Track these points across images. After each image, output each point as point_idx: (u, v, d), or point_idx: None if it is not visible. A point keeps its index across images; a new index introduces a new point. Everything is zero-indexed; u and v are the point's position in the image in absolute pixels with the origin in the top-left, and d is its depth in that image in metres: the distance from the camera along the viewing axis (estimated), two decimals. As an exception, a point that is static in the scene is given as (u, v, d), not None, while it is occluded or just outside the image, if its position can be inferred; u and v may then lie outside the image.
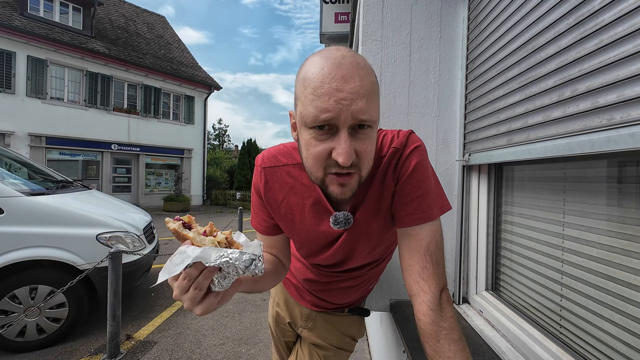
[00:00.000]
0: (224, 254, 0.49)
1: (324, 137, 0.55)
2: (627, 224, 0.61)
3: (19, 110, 10.05)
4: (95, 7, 12.04)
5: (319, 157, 0.56)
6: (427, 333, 0.59)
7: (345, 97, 0.51)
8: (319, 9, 4.65)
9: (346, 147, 0.53)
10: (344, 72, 0.52)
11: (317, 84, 0.53)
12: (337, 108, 0.52)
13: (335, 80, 0.52)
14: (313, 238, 0.77)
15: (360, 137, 0.55)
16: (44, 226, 2.48)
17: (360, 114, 0.52)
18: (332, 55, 0.54)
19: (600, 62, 0.57)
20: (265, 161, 0.76)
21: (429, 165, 0.68)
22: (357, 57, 0.55)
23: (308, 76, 0.55)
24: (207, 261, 0.48)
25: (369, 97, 0.53)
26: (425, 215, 0.65)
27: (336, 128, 0.54)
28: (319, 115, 0.52)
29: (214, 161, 19.00)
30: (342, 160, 0.53)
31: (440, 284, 0.62)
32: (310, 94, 0.53)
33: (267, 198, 0.76)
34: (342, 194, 0.60)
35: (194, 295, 0.50)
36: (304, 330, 1.01)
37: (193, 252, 0.48)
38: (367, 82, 0.54)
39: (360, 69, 0.54)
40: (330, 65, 0.53)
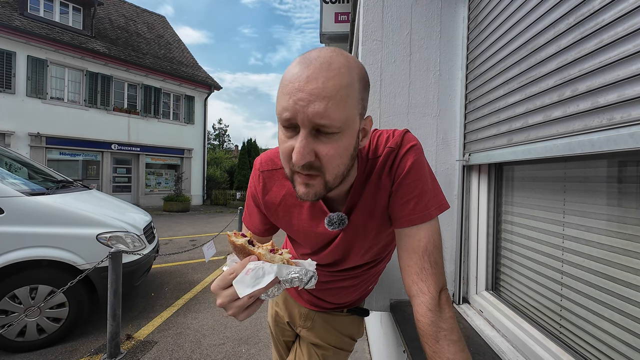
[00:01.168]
0: (292, 270, 0.56)
1: (290, 134, 0.55)
2: (627, 223, 0.61)
3: (19, 110, 10.05)
4: (95, 7, 12.04)
5: (284, 153, 0.57)
6: (426, 334, 0.59)
7: (302, 98, 0.50)
8: (319, 8, 4.65)
9: (299, 147, 0.52)
10: (310, 72, 0.50)
11: (285, 82, 0.53)
12: (295, 108, 0.51)
13: (299, 80, 0.51)
14: (311, 238, 0.77)
15: (323, 139, 0.54)
16: (44, 226, 2.48)
17: (317, 117, 0.50)
18: (309, 55, 0.53)
19: (601, 61, 0.57)
20: (263, 165, 0.76)
21: (425, 164, 0.68)
22: (334, 57, 0.52)
23: (284, 74, 0.55)
24: (281, 276, 0.55)
25: (331, 100, 0.50)
26: (423, 215, 0.64)
27: (298, 127, 0.53)
28: (282, 114, 0.53)
29: (214, 161, 19.00)
30: (294, 159, 0.53)
31: (439, 285, 0.62)
32: (280, 92, 0.54)
33: (265, 201, 0.76)
34: (306, 195, 0.59)
35: (246, 304, 0.54)
36: (303, 330, 1.01)
37: (271, 268, 0.54)
38: (333, 84, 0.50)
39: (330, 70, 0.51)
40: (301, 65, 0.52)
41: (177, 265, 4.84)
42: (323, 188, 0.58)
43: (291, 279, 0.55)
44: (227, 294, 0.54)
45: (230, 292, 0.53)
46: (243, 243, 0.58)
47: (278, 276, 0.54)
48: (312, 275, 0.57)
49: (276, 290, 0.57)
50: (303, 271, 0.56)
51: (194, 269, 4.67)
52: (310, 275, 0.57)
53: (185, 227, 8.41)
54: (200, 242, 6.08)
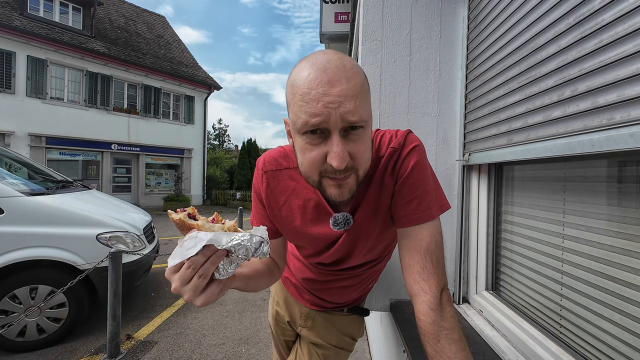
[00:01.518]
0: (234, 237, 0.50)
1: (317, 141, 0.56)
2: (627, 223, 0.61)
3: (19, 110, 10.05)
4: (95, 7, 12.04)
5: (314, 162, 0.57)
6: (427, 333, 0.59)
7: (332, 101, 0.52)
8: (319, 8, 4.65)
9: (339, 151, 0.53)
10: (330, 76, 0.52)
11: (304, 90, 0.53)
12: (325, 112, 0.52)
13: (322, 85, 0.52)
14: (315, 239, 0.77)
15: (352, 138, 0.56)
16: (44, 226, 2.48)
17: (349, 115, 0.53)
18: (318, 60, 0.55)
19: (601, 61, 0.57)
20: (266, 165, 0.76)
21: (427, 165, 0.68)
22: (344, 59, 0.55)
23: (296, 83, 0.55)
24: (219, 244, 0.49)
25: (357, 98, 0.53)
26: (425, 215, 0.65)
27: (328, 132, 0.54)
28: (309, 121, 0.53)
29: (214, 161, 19.00)
30: (335, 164, 0.54)
31: (441, 284, 0.62)
32: (299, 101, 0.54)
33: (269, 201, 0.76)
34: (340, 196, 0.60)
35: (198, 284, 0.51)
36: (303, 330, 1.01)
37: (205, 235, 0.49)
38: (354, 84, 0.54)
39: (346, 71, 0.54)
40: (316, 70, 0.53)
41: (177, 265, 4.84)
42: (355, 184, 0.60)
43: (234, 247, 0.50)
44: (177, 277, 0.51)
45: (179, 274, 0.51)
46: (181, 217, 0.52)
47: (214, 244, 0.49)
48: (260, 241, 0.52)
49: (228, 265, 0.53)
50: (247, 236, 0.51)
51: (194, 269, 4.67)
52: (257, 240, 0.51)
53: (185, 227, 8.40)
54: (200, 242, 6.07)
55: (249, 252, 0.51)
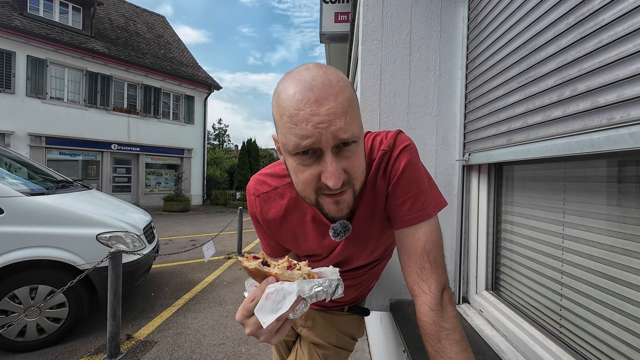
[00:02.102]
0: (315, 284, 0.52)
1: (309, 161, 0.54)
2: (627, 223, 0.61)
3: (18, 110, 10.05)
4: (95, 6, 12.03)
5: (308, 182, 0.56)
6: (428, 333, 0.59)
7: (322, 120, 0.50)
8: (318, 7, 4.64)
9: (333, 170, 0.52)
10: (317, 94, 0.51)
11: (292, 111, 0.51)
12: (316, 132, 0.50)
13: (309, 105, 0.50)
14: (316, 249, 0.78)
15: (345, 155, 0.55)
16: (44, 226, 2.48)
17: (341, 133, 0.51)
18: (302, 78, 0.53)
19: (600, 61, 0.57)
20: (257, 189, 0.76)
21: (419, 164, 0.68)
22: (329, 74, 0.54)
23: (282, 104, 0.54)
24: (304, 293, 0.51)
25: (347, 114, 0.52)
26: (420, 214, 0.64)
27: (320, 151, 0.53)
28: (300, 143, 0.52)
29: (214, 161, 18.99)
30: (331, 184, 0.53)
31: (441, 284, 0.62)
32: (287, 122, 0.53)
33: (267, 223, 0.76)
34: (339, 212, 0.60)
35: (275, 327, 0.51)
36: (303, 330, 1.01)
37: (291, 287, 0.50)
38: (342, 99, 0.52)
39: (333, 87, 0.52)
40: (302, 89, 0.51)
41: (177, 265, 4.84)
42: (352, 198, 0.60)
43: (316, 294, 0.52)
44: (253, 321, 0.51)
45: (255, 319, 0.51)
46: (256, 266, 0.54)
47: (300, 294, 0.50)
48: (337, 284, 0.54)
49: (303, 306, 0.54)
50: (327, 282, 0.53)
51: (193, 269, 4.67)
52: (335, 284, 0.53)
53: (185, 227, 8.41)
54: (200, 242, 6.08)
55: (328, 295, 0.53)
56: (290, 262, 0.56)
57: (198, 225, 8.92)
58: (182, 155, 14.31)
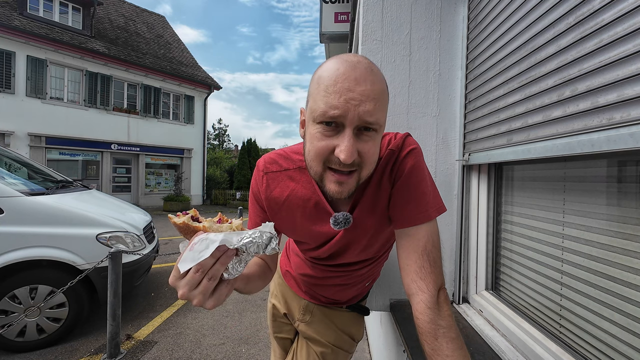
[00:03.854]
0: (245, 235, 0.50)
1: (330, 133, 0.57)
2: (627, 223, 0.61)
3: (18, 110, 10.04)
4: (95, 6, 12.02)
5: (321, 151, 0.58)
6: (425, 331, 0.60)
7: (354, 98, 0.54)
8: (318, 7, 4.64)
9: (349, 146, 0.55)
10: (357, 74, 0.55)
11: (330, 82, 0.55)
12: (345, 107, 0.54)
13: (348, 81, 0.54)
14: (314, 236, 0.79)
15: (364, 138, 0.57)
16: (44, 226, 2.48)
17: (367, 115, 0.54)
18: (349, 59, 0.57)
19: (600, 61, 0.57)
20: (267, 166, 0.77)
21: (424, 168, 0.70)
22: (373, 66, 0.58)
23: (323, 75, 0.57)
24: (231, 244, 0.49)
25: (377, 102, 0.55)
26: (423, 216, 0.66)
27: (342, 126, 0.56)
28: (328, 111, 0.55)
29: (213, 161, 18.99)
30: (343, 157, 0.55)
31: (438, 283, 0.63)
32: (322, 91, 0.56)
33: (268, 202, 0.77)
34: (339, 194, 0.61)
35: (208, 286, 0.49)
36: (301, 324, 1.01)
37: (216, 236, 0.48)
38: (378, 88, 0.56)
39: (373, 75, 0.56)
40: (346, 67, 0.55)
41: (177, 265, 4.83)
42: (355, 184, 0.61)
43: (245, 245, 0.49)
44: (184, 282, 0.49)
45: (187, 279, 0.49)
46: (185, 221, 0.51)
47: (226, 244, 0.48)
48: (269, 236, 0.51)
49: (237, 264, 0.52)
50: (257, 233, 0.50)
51: (194, 268, 4.67)
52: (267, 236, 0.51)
53: (185, 227, 8.39)
54: (200, 242, 6.07)
55: (260, 249, 0.51)
56: (221, 217, 0.55)
57: (198, 225, 8.91)
58: (182, 155, 14.30)
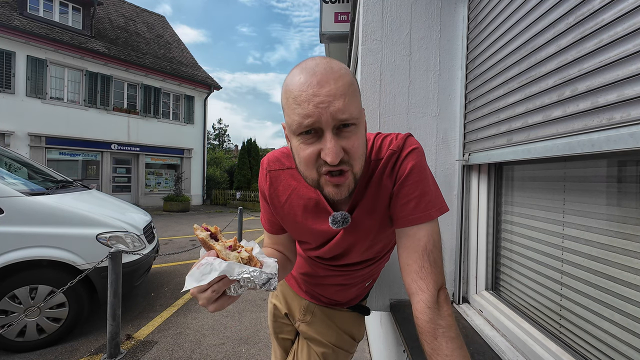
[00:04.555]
0: (245, 271, 0.55)
1: (311, 140, 0.59)
2: (627, 223, 0.61)
3: (18, 110, 10.04)
4: (95, 6, 12.02)
5: (308, 159, 0.60)
6: (425, 331, 0.60)
7: (322, 101, 0.55)
8: (318, 7, 4.64)
9: (331, 147, 0.56)
10: (319, 77, 0.56)
11: (296, 93, 0.57)
12: (316, 112, 0.55)
13: (312, 87, 0.55)
14: (314, 235, 0.80)
15: (345, 135, 0.58)
16: (44, 226, 2.48)
17: (340, 113, 0.55)
18: (307, 65, 0.59)
19: (600, 61, 0.57)
20: (270, 164, 0.79)
21: (426, 168, 0.70)
22: (331, 63, 0.59)
23: (288, 88, 0.59)
24: (231, 275, 0.55)
25: (345, 97, 0.56)
26: (424, 215, 0.66)
27: (321, 131, 0.57)
28: (302, 122, 0.56)
29: (214, 161, 18.99)
30: (330, 159, 0.56)
31: (438, 283, 0.63)
32: (292, 104, 0.57)
33: (272, 199, 0.79)
34: (338, 195, 0.62)
35: (211, 297, 0.56)
36: (302, 325, 1.01)
37: (220, 265, 0.54)
38: (342, 84, 0.57)
39: (333, 73, 0.57)
40: (306, 74, 0.57)
41: (177, 265, 4.84)
42: (353, 182, 0.63)
43: (243, 279, 0.55)
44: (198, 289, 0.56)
45: None
46: (204, 237, 0.58)
47: (227, 274, 0.54)
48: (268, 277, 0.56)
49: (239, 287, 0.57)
50: (257, 272, 0.56)
51: (194, 268, 4.67)
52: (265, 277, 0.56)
53: (185, 227, 8.40)
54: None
55: (256, 286, 0.56)
56: (236, 243, 0.60)
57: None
58: (182, 155, 14.30)
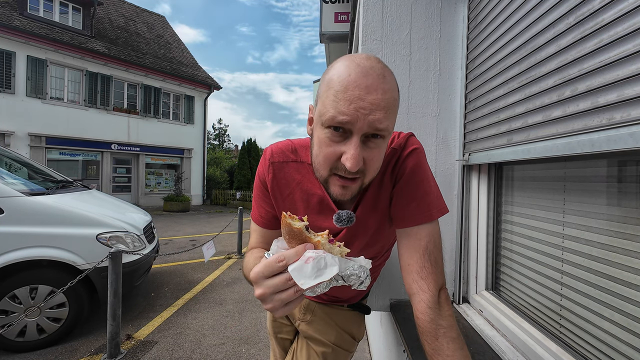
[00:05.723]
0: (351, 266, 0.52)
1: (337, 139, 0.57)
2: (627, 223, 0.61)
3: (18, 110, 10.04)
4: (95, 6, 12.02)
5: (328, 157, 0.58)
6: (425, 331, 0.60)
7: (364, 107, 0.53)
8: (318, 6, 4.64)
9: (355, 154, 0.54)
10: (369, 82, 0.53)
11: (341, 87, 0.54)
12: (355, 115, 0.53)
13: (359, 89, 0.53)
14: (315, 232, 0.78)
15: (370, 145, 0.57)
16: (44, 226, 2.48)
17: (377, 123, 0.54)
18: (362, 64, 0.55)
19: (601, 61, 0.57)
20: (274, 156, 0.77)
21: (427, 168, 0.70)
22: (386, 71, 0.56)
23: (334, 78, 0.56)
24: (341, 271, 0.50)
25: (387, 111, 0.55)
26: (425, 216, 0.66)
27: (350, 132, 0.55)
28: (336, 117, 0.54)
29: (214, 161, 18.99)
30: (349, 165, 0.55)
31: (439, 283, 0.63)
32: (332, 95, 0.55)
33: (273, 191, 0.77)
34: (342, 196, 0.62)
35: (290, 297, 0.50)
36: (302, 324, 1.01)
37: (333, 259, 0.49)
38: (389, 97, 0.55)
39: (385, 83, 0.55)
40: (357, 73, 0.54)
41: (177, 265, 4.84)
42: (358, 189, 0.62)
43: (348, 275, 0.51)
44: (272, 283, 0.49)
45: (275, 282, 0.49)
46: (301, 227, 0.51)
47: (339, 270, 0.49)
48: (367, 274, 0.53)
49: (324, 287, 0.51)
50: (361, 270, 0.52)
51: (194, 268, 4.67)
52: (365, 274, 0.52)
53: (185, 227, 8.40)
54: (200, 242, 6.08)
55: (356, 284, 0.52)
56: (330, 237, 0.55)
57: (198, 225, 8.92)
58: (182, 155, 14.30)
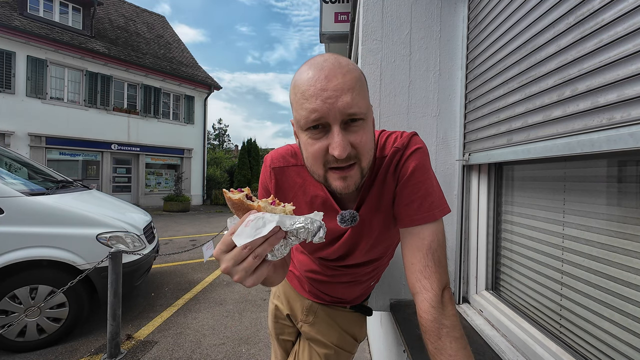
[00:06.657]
0: (298, 220, 0.51)
1: (319, 135, 0.58)
2: (627, 223, 0.61)
3: (18, 110, 10.04)
4: (95, 6, 12.02)
5: (316, 154, 0.59)
6: (428, 330, 0.60)
7: (330, 95, 0.55)
8: (317, 6, 4.65)
9: (339, 141, 0.55)
10: (326, 72, 0.56)
11: (304, 87, 0.57)
12: (324, 107, 0.55)
13: (319, 81, 0.55)
14: None
15: (353, 129, 0.58)
16: (44, 226, 2.48)
17: (347, 108, 0.55)
18: (316, 61, 0.59)
19: (601, 61, 0.57)
20: (274, 162, 0.78)
21: (429, 168, 0.70)
22: (340, 58, 0.59)
23: (297, 83, 0.59)
24: (284, 226, 0.50)
25: (353, 91, 0.56)
26: (428, 215, 0.66)
27: (329, 126, 0.57)
28: (309, 116, 0.56)
29: (214, 161, 18.98)
30: (337, 153, 0.56)
31: (442, 282, 0.63)
32: (300, 98, 0.57)
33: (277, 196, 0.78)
34: (345, 188, 0.61)
35: (252, 264, 0.50)
36: (304, 325, 1.01)
37: (272, 217, 0.49)
38: (350, 78, 0.56)
39: (341, 68, 0.57)
40: (315, 69, 0.57)
41: (177, 265, 4.84)
42: (359, 176, 0.62)
43: (297, 230, 0.50)
44: (230, 256, 0.50)
45: (233, 254, 0.50)
46: (240, 197, 0.53)
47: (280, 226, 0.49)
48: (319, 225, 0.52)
49: (283, 247, 0.52)
50: (308, 220, 0.51)
51: (193, 268, 4.67)
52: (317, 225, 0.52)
53: (185, 227, 8.40)
54: (200, 242, 6.08)
55: (309, 235, 0.52)
56: (274, 199, 0.56)
57: (198, 225, 8.92)
58: (182, 155, 14.30)
